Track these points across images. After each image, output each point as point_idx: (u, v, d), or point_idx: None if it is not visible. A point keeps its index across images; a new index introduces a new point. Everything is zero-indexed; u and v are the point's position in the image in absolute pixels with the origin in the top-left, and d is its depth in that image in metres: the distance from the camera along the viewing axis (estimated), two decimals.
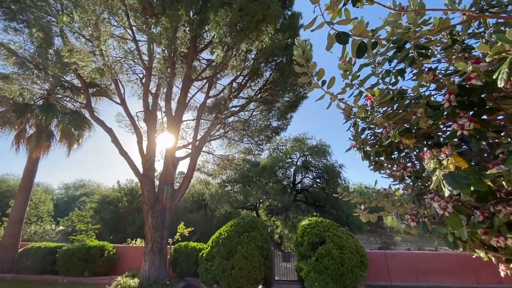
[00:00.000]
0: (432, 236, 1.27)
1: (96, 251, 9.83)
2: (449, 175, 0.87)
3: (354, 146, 1.58)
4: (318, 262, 7.07)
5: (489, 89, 0.99)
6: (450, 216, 1.02)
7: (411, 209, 1.39)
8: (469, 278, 8.56)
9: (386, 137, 1.30)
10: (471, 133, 0.95)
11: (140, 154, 9.60)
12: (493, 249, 1.18)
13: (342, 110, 1.56)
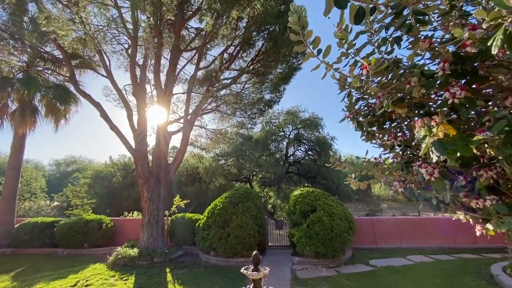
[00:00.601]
0: (418, 200, 1.36)
1: (93, 224, 10.06)
2: (437, 142, 0.91)
3: (348, 117, 1.60)
4: (309, 229, 7.47)
5: (482, 57, 1.00)
6: (435, 180, 1.09)
7: (399, 176, 1.46)
8: (448, 240, 9.27)
9: (379, 107, 1.32)
10: (462, 102, 0.98)
11: (131, 128, 9.45)
12: (472, 211, 1.28)
13: (337, 81, 1.55)
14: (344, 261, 7.60)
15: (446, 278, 6.07)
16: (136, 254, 7.94)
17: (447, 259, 7.79)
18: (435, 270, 6.73)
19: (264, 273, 3.93)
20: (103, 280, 6.45)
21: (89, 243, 9.90)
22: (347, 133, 76.07)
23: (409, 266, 7.15)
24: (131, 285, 6.03)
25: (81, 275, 6.84)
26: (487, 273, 6.27)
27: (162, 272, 7.03)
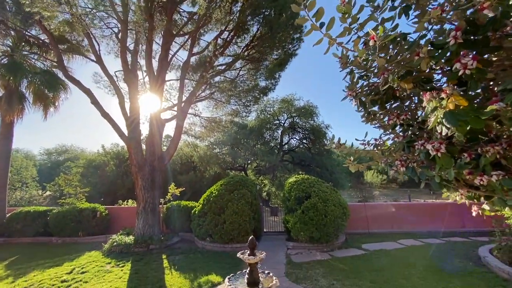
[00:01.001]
0: (420, 179, 1.34)
1: (88, 213, 9.99)
2: (449, 113, 0.87)
3: (350, 95, 1.56)
4: (304, 214, 7.57)
5: (496, 25, 0.95)
6: (442, 156, 1.07)
7: (400, 156, 1.44)
8: (437, 224, 9.55)
9: (383, 83, 1.28)
10: (473, 73, 0.94)
11: (124, 116, 9.25)
12: (475, 188, 1.27)
13: (339, 58, 1.50)
14: (337, 246, 7.78)
15: (436, 260, 6.29)
16: (132, 241, 7.95)
17: (437, 242, 8.04)
18: (425, 253, 6.95)
19: (260, 257, 3.98)
20: (99, 267, 6.46)
21: (84, 231, 9.87)
22: (341, 122, 76.42)
23: (400, 250, 7.36)
24: (127, 271, 6.06)
25: (77, 263, 6.84)
26: (474, 255, 6.50)
27: (159, 258, 7.08)
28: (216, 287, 5.10)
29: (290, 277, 5.46)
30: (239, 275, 4.27)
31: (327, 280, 5.18)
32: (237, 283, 3.99)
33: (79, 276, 5.85)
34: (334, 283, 5.03)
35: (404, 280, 5.08)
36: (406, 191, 35.99)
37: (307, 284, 5.07)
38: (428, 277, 5.19)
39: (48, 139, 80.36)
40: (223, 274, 5.63)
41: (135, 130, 9.13)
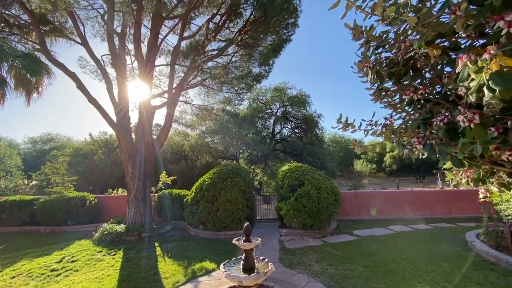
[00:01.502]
0: (439, 157, 1.27)
1: (76, 202, 9.75)
2: (496, 74, 0.79)
3: (366, 66, 1.45)
4: (297, 202, 7.60)
5: None
6: (475, 127, 0.99)
7: (417, 133, 1.36)
8: (425, 211, 9.83)
9: (404, 53, 1.18)
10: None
11: (112, 102, 8.91)
12: (499, 165, 1.21)
13: (351, 29, 1.38)
14: (329, 232, 7.89)
15: (424, 245, 6.47)
16: (123, 229, 7.82)
17: (425, 228, 8.28)
18: (414, 238, 7.14)
19: (256, 243, 3.96)
20: (90, 255, 6.34)
21: (73, 220, 9.65)
22: (332, 112, 76.83)
23: (391, 235, 7.54)
24: (119, 260, 5.96)
25: (66, 251, 6.68)
26: (461, 240, 6.73)
27: (151, 246, 7.00)
28: (210, 273, 5.08)
29: (284, 263, 5.50)
30: (235, 261, 4.24)
31: (321, 266, 5.24)
32: (232, 269, 3.96)
33: (69, 265, 5.72)
34: (328, 268, 5.09)
35: (395, 264, 5.19)
36: (394, 179, 36.97)
37: (301, 270, 5.12)
38: (418, 261, 5.33)
39: (32, 127, 77.65)
40: (217, 260, 5.62)
41: (124, 117, 8.83)
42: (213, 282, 4.70)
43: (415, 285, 4.26)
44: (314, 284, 4.48)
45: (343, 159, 42.74)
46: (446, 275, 4.63)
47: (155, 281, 4.72)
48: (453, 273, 4.72)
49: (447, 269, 4.87)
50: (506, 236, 5.76)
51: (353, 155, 47.65)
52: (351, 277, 4.62)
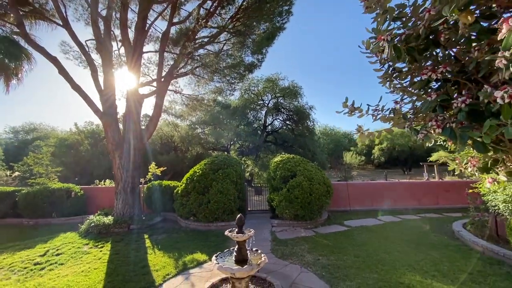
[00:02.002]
0: (461, 141, 1.17)
1: (61, 193, 9.41)
2: None
3: (383, 39, 1.32)
4: (290, 193, 7.57)
5: None
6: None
7: (435, 116, 1.25)
8: (413, 202, 10.04)
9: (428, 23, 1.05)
10: None
11: (98, 90, 8.51)
12: None
13: (362, 1, 1.25)
14: (321, 223, 7.93)
15: (413, 235, 6.59)
16: (111, 221, 7.60)
17: (413, 218, 8.45)
18: (403, 229, 7.27)
19: (249, 234, 3.87)
20: (76, 248, 6.13)
21: (58, 212, 9.33)
22: (322, 104, 77.22)
23: (380, 226, 7.66)
24: (107, 252, 5.79)
25: (51, 244, 6.44)
26: (449, 230, 6.89)
27: (140, 238, 6.84)
28: (202, 265, 5.00)
29: (276, 254, 5.47)
30: (227, 253, 4.16)
31: (313, 256, 5.24)
32: (225, 261, 3.87)
33: (54, 258, 5.51)
34: (320, 259, 5.10)
35: (386, 254, 5.25)
36: (382, 171, 37.79)
37: (293, 260, 5.10)
38: (408, 251, 5.41)
39: (13, 116, 74.47)
40: (208, 252, 5.54)
41: (111, 106, 8.47)
42: (205, 274, 4.62)
43: (405, 274, 4.31)
44: (306, 275, 4.47)
45: (332, 151, 43.20)
46: (435, 264, 4.71)
47: (144, 274, 4.59)
48: (442, 261, 4.81)
49: (436, 258, 4.96)
50: (491, 226, 5.92)
51: (343, 147, 48.28)
52: (343, 267, 4.63)
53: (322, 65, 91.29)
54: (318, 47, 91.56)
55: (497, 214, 5.62)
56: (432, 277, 4.20)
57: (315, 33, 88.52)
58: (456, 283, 3.99)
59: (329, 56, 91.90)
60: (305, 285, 4.09)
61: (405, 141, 36.04)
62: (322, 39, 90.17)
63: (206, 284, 4.08)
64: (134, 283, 4.23)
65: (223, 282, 4.20)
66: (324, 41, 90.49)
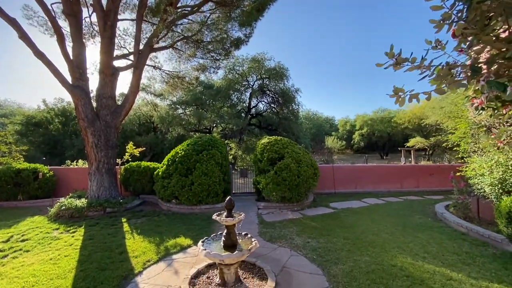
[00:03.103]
0: None
1: (27, 174, 8.54)
2: None
3: None
4: (277, 175, 7.34)
5: None
6: None
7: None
8: (396, 185, 10.26)
9: None
10: None
11: (65, 59, 7.55)
12: None
13: None
14: (307, 205, 7.85)
15: (398, 217, 6.66)
16: (85, 204, 7.01)
17: (396, 200, 8.62)
18: (388, 211, 7.35)
19: (239, 218, 3.57)
20: (44, 233, 5.56)
21: (25, 194, 8.53)
22: (306, 88, 76.99)
23: (365, 208, 7.71)
24: (80, 238, 5.29)
25: (16, 229, 5.80)
26: (431, 212, 7.05)
27: (117, 222, 6.36)
28: (185, 250, 4.68)
29: (264, 237, 5.27)
30: (214, 237, 3.85)
31: (302, 239, 5.09)
32: (212, 246, 3.57)
33: (18, 245, 4.94)
34: (309, 241, 4.96)
35: (375, 236, 5.22)
36: (360, 156, 39.02)
37: (282, 243, 4.93)
38: (395, 233, 5.42)
39: None
40: (192, 236, 5.23)
41: (81, 77, 7.59)
42: (189, 259, 4.31)
43: (396, 256, 4.26)
44: (297, 258, 4.30)
45: (314, 135, 43.72)
46: (424, 245, 4.72)
47: (122, 261, 4.20)
48: (430, 243, 4.83)
49: (424, 240, 4.99)
50: (472, 208, 6.07)
51: (324, 132, 49.09)
52: (334, 250, 4.51)
53: (308, 48, 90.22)
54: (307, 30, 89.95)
55: (480, 197, 5.73)
56: (423, 258, 4.18)
57: (305, 16, 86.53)
58: (446, 265, 3.99)
59: (316, 39, 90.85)
60: (296, 269, 3.91)
61: (384, 127, 37.10)
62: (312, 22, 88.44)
63: (191, 271, 3.78)
64: (110, 271, 3.84)
65: (209, 268, 3.92)
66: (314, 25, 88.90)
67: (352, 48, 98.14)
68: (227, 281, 3.41)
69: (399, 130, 35.03)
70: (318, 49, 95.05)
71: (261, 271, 3.77)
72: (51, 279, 3.65)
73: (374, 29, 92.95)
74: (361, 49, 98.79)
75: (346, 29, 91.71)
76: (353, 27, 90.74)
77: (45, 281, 3.58)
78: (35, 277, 3.70)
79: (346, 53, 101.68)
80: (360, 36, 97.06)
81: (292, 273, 3.79)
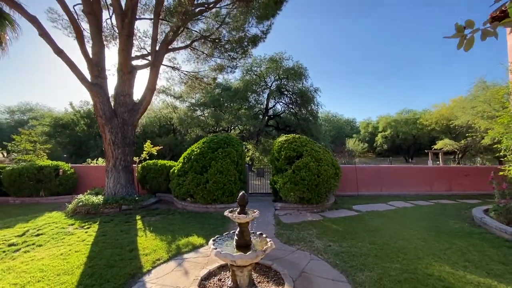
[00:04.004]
0: None
1: (49, 171, 8.79)
2: None
3: None
4: (295, 174, 6.93)
5: None
6: None
7: None
8: (424, 188, 9.45)
9: None
10: None
11: (85, 57, 7.67)
12: None
13: None
14: (328, 207, 7.36)
15: (430, 221, 6.01)
16: (101, 201, 7.01)
17: (426, 204, 7.88)
18: (418, 214, 6.69)
19: (253, 215, 3.24)
20: (59, 228, 5.55)
21: (46, 191, 8.76)
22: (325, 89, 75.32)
23: (393, 211, 7.08)
24: (93, 234, 5.21)
25: (32, 224, 5.86)
26: (467, 216, 6.32)
27: (132, 219, 6.26)
28: (198, 249, 4.42)
29: (280, 238, 4.90)
30: (226, 236, 3.56)
31: (323, 242, 4.66)
32: (223, 245, 3.27)
33: (32, 239, 4.93)
34: (331, 245, 4.52)
35: (405, 241, 4.67)
36: (383, 159, 37.32)
37: (301, 246, 4.53)
38: (428, 239, 4.83)
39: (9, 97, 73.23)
40: (205, 235, 4.96)
41: (100, 75, 7.67)
42: (201, 259, 4.04)
43: (432, 264, 3.72)
44: (317, 262, 3.89)
45: (334, 138, 42.44)
46: (463, 253, 4.13)
47: (131, 258, 4.01)
48: (470, 251, 4.22)
49: (462, 247, 4.38)
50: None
51: (345, 134, 47.54)
52: (359, 255, 4.05)
53: (327, 47, 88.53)
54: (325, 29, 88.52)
55: None
56: (464, 268, 3.62)
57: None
58: (492, 275, 3.41)
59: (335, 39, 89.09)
60: (316, 275, 3.51)
61: (409, 129, 35.22)
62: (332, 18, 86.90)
63: (202, 272, 3.50)
64: (118, 269, 3.65)
65: (221, 270, 3.62)
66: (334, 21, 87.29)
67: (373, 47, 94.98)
68: (239, 284, 3.09)
69: (425, 132, 33.08)
70: (336, 49, 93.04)
71: (278, 275, 3.42)
72: (58, 274, 3.52)
73: (394, 28, 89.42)
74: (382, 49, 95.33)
75: (366, 29, 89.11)
76: (373, 25, 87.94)
77: (52, 277, 3.46)
78: (43, 272, 3.59)
79: (366, 53, 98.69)
80: (380, 36, 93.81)
81: (312, 279, 3.40)
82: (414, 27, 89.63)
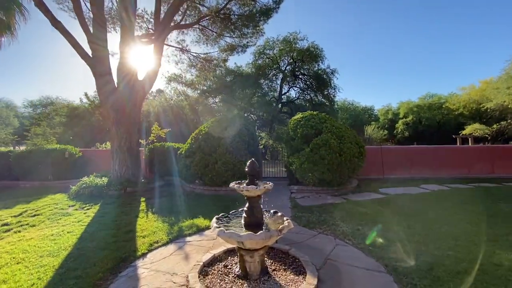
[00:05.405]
0: None
1: (57, 154, 8.55)
2: None
3: None
4: (313, 153, 6.17)
5: None
6: None
7: None
8: (462, 170, 8.38)
9: None
10: None
11: (84, 30, 7.16)
12: None
13: None
14: (350, 190, 6.57)
15: (476, 204, 5.09)
16: (105, 183, 6.61)
17: (466, 187, 6.89)
18: (459, 197, 5.77)
19: (266, 187, 2.54)
20: (58, 209, 5.17)
21: (55, 174, 8.53)
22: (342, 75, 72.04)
23: (428, 194, 6.20)
24: (91, 215, 4.77)
25: (32, 205, 5.54)
26: None
27: (135, 201, 5.80)
28: (203, 232, 3.84)
29: (298, 221, 4.23)
30: (233, 215, 2.93)
31: (350, 225, 3.94)
32: (229, 224, 2.63)
33: (27, 220, 4.56)
34: (360, 228, 3.79)
35: (451, 226, 3.85)
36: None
37: (324, 229, 3.83)
38: (480, 223, 3.98)
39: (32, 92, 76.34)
40: (213, 217, 4.35)
41: (100, 49, 7.15)
42: (205, 242, 3.45)
43: (496, 252, 2.91)
44: (345, 248, 3.18)
45: (352, 127, 40.59)
46: None
47: (127, 240, 3.49)
48: None
49: None
50: None
51: (362, 122, 45.49)
52: (396, 240, 3.30)
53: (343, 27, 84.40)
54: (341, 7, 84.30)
55: None
56: None
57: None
58: None
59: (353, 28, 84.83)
60: (345, 263, 2.80)
61: (433, 115, 33.01)
62: None
63: (205, 256, 2.90)
64: (109, 251, 3.13)
65: (228, 254, 3.01)
66: None
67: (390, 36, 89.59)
68: (249, 272, 2.45)
69: (451, 117, 30.86)
70: (354, 36, 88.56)
71: (297, 262, 2.75)
72: (41, 256, 3.04)
73: (414, 14, 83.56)
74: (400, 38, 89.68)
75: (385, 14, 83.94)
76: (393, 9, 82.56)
77: (34, 258, 2.98)
78: (26, 253, 3.13)
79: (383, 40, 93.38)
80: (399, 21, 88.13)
81: (340, 268, 2.70)
82: (436, 12, 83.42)
